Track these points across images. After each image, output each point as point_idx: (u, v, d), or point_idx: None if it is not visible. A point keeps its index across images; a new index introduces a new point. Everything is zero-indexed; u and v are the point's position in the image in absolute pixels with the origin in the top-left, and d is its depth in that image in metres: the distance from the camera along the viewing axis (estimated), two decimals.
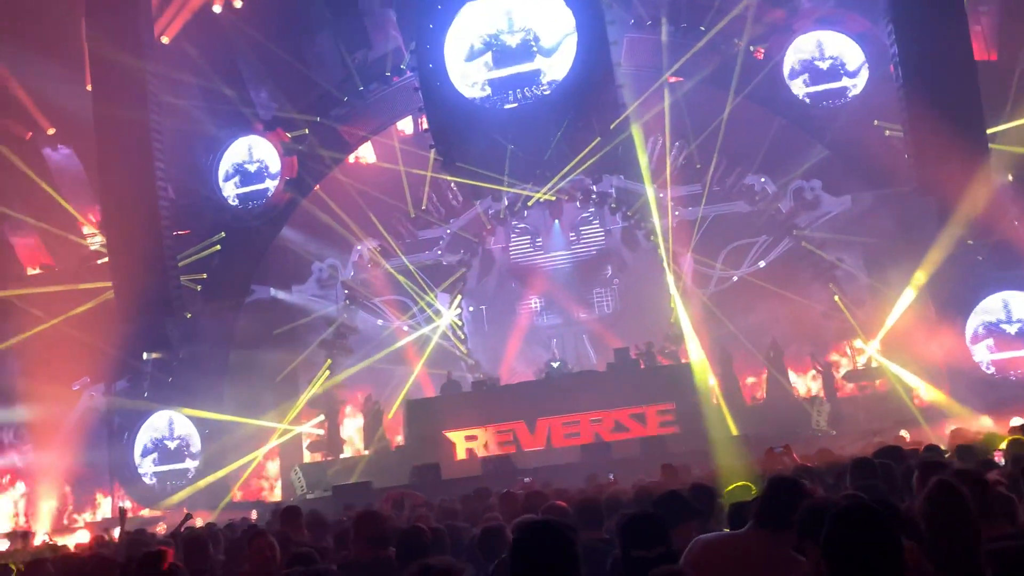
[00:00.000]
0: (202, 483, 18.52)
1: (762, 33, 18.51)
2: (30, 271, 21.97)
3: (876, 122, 17.56)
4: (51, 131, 20.99)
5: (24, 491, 20.08)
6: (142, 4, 18.50)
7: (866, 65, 18.12)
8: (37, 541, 14.35)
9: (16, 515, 19.97)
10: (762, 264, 20.03)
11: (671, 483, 7.00)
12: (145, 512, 18.51)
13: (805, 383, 19.03)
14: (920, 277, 15.90)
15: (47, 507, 19.58)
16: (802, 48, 18.56)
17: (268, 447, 19.50)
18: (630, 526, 3.55)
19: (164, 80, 18.82)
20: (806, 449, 10.19)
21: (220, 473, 18.59)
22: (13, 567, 6.88)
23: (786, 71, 18.45)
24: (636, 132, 18.49)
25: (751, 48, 18.50)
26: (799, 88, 18.49)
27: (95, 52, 18.55)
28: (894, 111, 16.44)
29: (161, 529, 13.67)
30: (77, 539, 12.19)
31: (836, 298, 18.61)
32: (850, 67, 18.38)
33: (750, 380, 18.99)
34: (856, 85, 18.28)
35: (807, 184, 19.66)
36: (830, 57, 18.54)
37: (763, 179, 20.03)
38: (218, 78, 20.24)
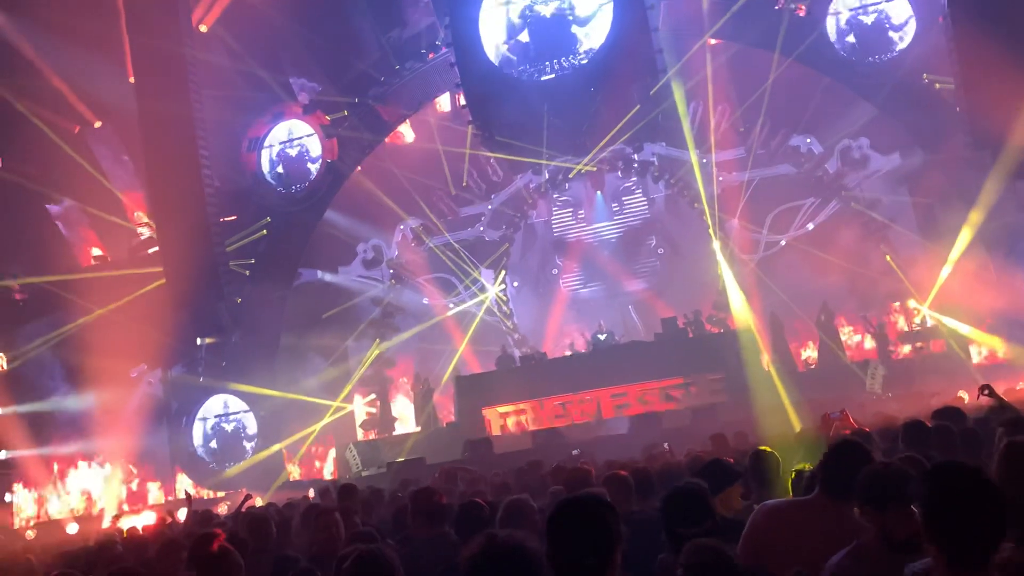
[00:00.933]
0: (257, 458, 18.96)
1: None
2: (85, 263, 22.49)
3: (926, 76, 17.04)
4: (98, 124, 21.37)
5: (90, 475, 20.71)
6: None
7: (913, 17, 17.56)
8: (105, 523, 14.81)
9: (83, 498, 20.62)
10: (810, 227, 19.66)
11: (721, 453, 6.94)
12: (206, 493, 19.01)
13: (858, 346, 18.71)
14: (973, 230, 15.45)
15: (112, 490, 20.19)
16: (846, 2, 18.04)
17: (321, 424, 19.82)
18: (673, 502, 3.53)
19: (204, 68, 19.03)
20: (860, 413, 10.02)
21: (274, 448, 18.98)
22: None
23: (830, 27, 17.97)
24: (678, 98, 18.19)
25: (792, 6, 18.04)
26: (843, 44, 18.00)
27: (135, 44, 18.84)
28: (944, 63, 15.93)
29: (222, 510, 14.00)
30: (143, 521, 12.54)
31: (888, 258, 18.21)
32: (896, 20, 17.82)
33: (802, 347, 18.72)
34: (903, 38, 17.72)
35: (854, 143, 19.20)
36: (875, 11, 18.01)
37: (808, 140, 19.62)
38: (256, 64, 20.40)
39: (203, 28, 20.03)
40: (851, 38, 18.02)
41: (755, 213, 19.77)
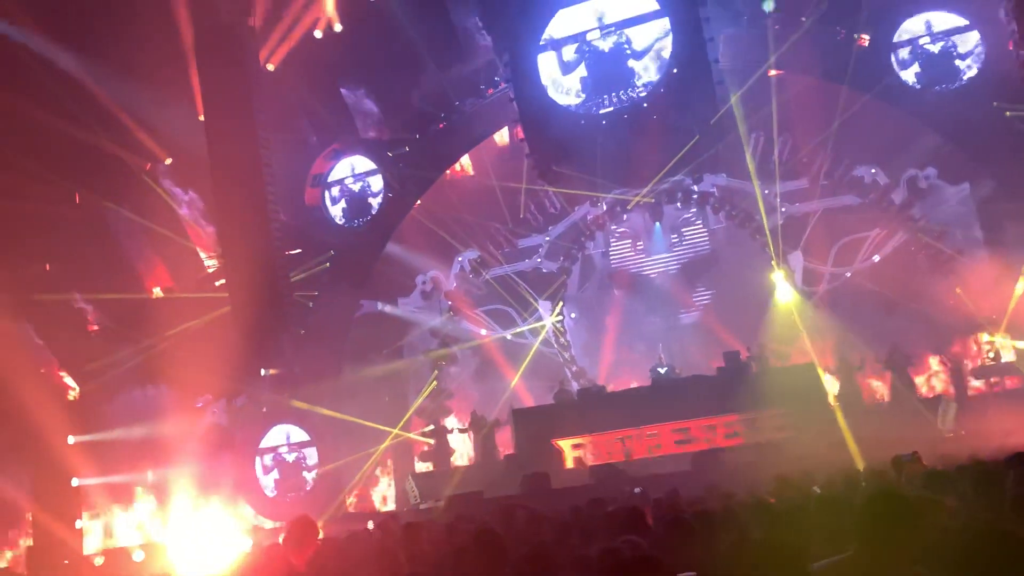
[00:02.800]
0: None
1: (866, 18, 17.79)
2: (154, 293, 23.12)
3: (995, 104, 16.62)
4: (168, 160, 22.08)
5: (155, 504, 21.14)
6: (248, 33, 19.34)
7: (981, 44, 17.18)
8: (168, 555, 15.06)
9: (143, 528, 21.02)
10: (876, 259, 19.22)
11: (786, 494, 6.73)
12: (268, 523, 19.21)
13: (929, 382, 18.12)
14: None
15: (176, 520, 20.55)
16: (910, 31, 17.75)
17: (379, 453, 19.89)
18: None
19: (271, 105, 19.58)
20: (930, 452, 9.70)
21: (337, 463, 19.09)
22: None
23: (893, 57, 17.68)
24: (740, 129, 18.05)
25: (855, 36, 17.81)
26: (908, 74, 17.68)
27: (205, 82, 19.49)
28: (1015, 91, 15.53)
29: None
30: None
31: (958, 290, 17.67)
32: (962, 48, 17.46)
33: (872, 382, 18.20)
34: (971, 66, 17.34)
35: (921, 173, 18.77)
36: (940, 38, 17.67)
37: (873, 170, 19.24)
38: (321, 100, 20.92)
39: (270, 67, 20.63)
40: (916, 67, 17.69)
41: (819, 245, 19.42)
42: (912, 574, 3.10)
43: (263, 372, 20.14)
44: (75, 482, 20.07)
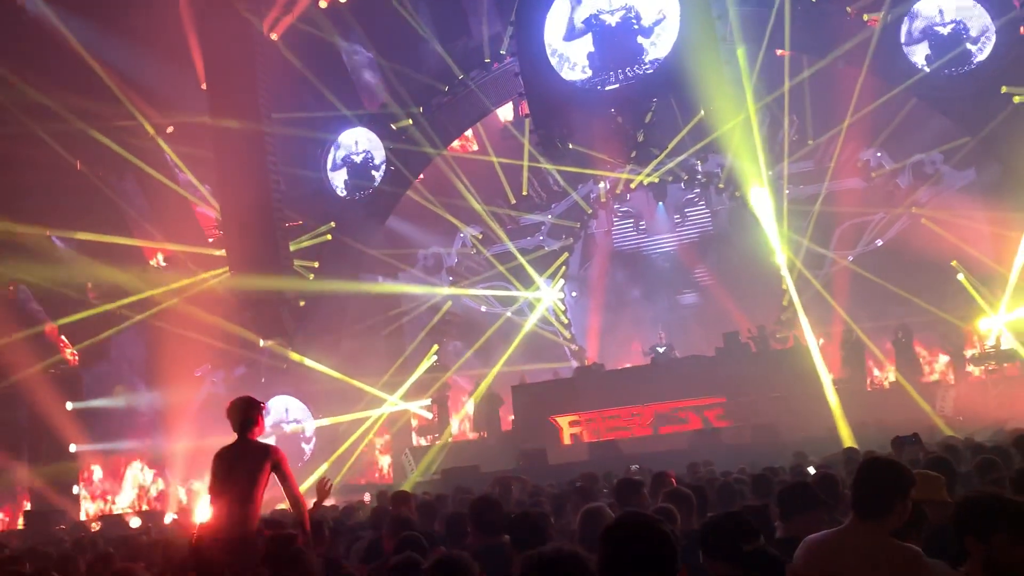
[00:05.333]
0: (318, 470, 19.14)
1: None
2: (152, 262, 23.08)
3: (1004, 89, 16.45)
4: (170, 129, 21.94)
5: (154, 472, 21.22)
6: (251, 2, 19.15)
7: (992, 28, 16.98)
8: (167, 520, 15.12)
9: (143, 495, 21.11)
10: (879, 243, 19.13)
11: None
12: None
13: (930, 367, 18.09)
14: None
15: (175, 488, 20.63)
16: (921, 13, 17.54)
17: (377, 424, 19.90)
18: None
19: (274, 76, 19.42)
20: (930, 436, 9.69)
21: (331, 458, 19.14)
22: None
23: (903, 38, 17.49)
24: (749, 109, 17.87)
25: (864, 17, 17.60)
26: (918, 56, 17.49)
27: (207, 51, 19.33)
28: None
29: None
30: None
31: (960, 276, 17.60)
32: (973, 32, 17.26)
33: (873, 367, 18.17)
34: (982, 50, 17.15)
35: (927, 158, 18.64)
36: (951, 21, 17.46)
37: (879, 153, 19.11)
38: (324, 71, 20.74)
39: (274, 36, 20.44)
40: (926, 49, 17.51)
41: (822, 228, 19.32)
42: None
43: (262, 343, 20.14)
44: (73, 448, 20.12)
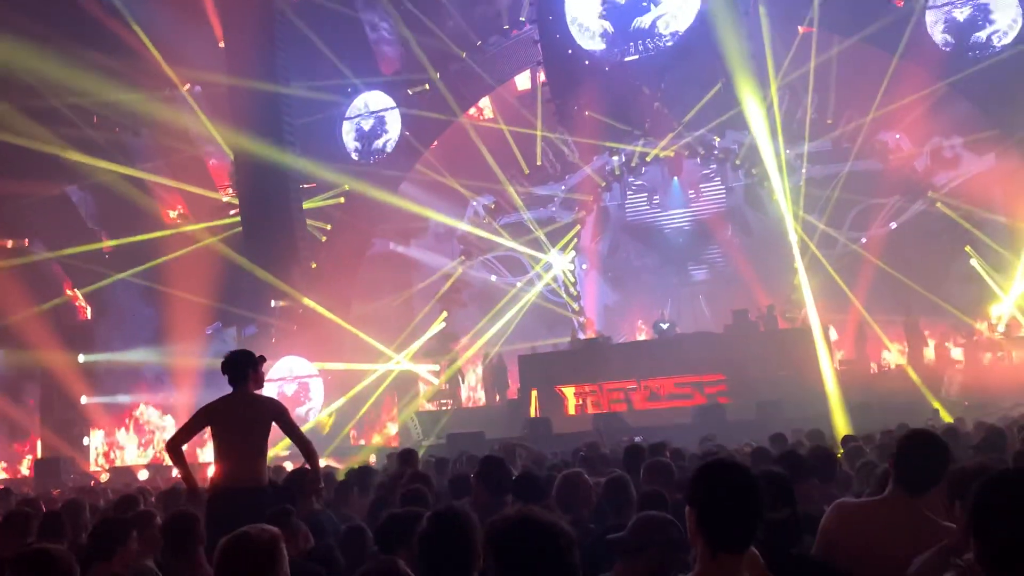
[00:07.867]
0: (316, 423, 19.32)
1: None
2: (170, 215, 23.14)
3: None
4: (186, 87, 21.91)
5: (164, 427, 21.47)
6: None
7: (1020, 11, 16.74)
8: (174, 473, 15.31)
9: (148, 448, 21.39)
10: (893, 226, 19.02)
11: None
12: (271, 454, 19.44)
13: (937, 352, 18.04)
14: None
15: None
16: None
17: (384, 385, 20.00)
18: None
19: (290, 37, 19.33)
20: (936, 420, 9.73)
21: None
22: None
23: (928, 20, 17.26)
24: (772, 85, 17.72)
25: None
26: (941, 38, 17.28)
27: (225, 9, 19.24)
28: None
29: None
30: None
31: (973, 262, 17.51)
32: (998, 15, 17.02)
33: (882, 350, 18.13)
34: (1007, 33, 16.92)
35: (947, 142, 18.45)
36: (973, 5, 17.21)
37: (898, 135, 18.93)
38: (341, 35, 20.62)
39: None
40: (949, 35, 17.29)
41: (837, 208, 19.20)
42: None
43: (273, 304, 20.24)
44: (84, 400, 20.36)
